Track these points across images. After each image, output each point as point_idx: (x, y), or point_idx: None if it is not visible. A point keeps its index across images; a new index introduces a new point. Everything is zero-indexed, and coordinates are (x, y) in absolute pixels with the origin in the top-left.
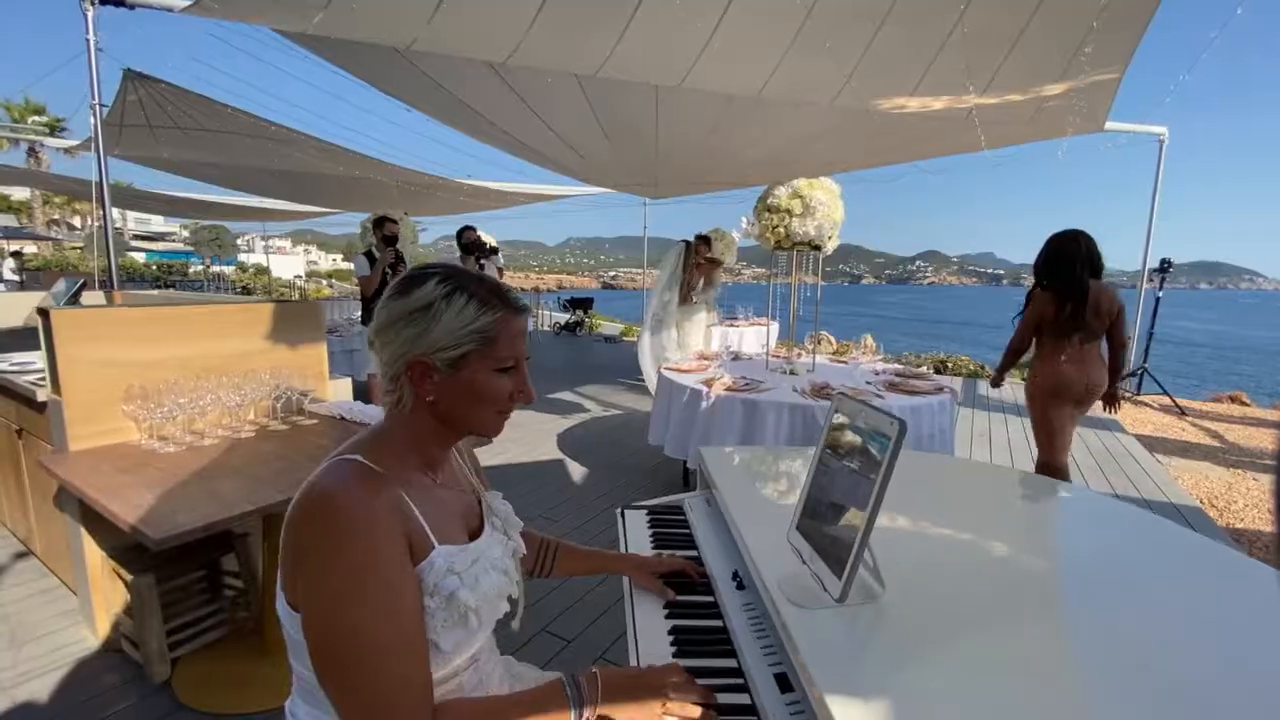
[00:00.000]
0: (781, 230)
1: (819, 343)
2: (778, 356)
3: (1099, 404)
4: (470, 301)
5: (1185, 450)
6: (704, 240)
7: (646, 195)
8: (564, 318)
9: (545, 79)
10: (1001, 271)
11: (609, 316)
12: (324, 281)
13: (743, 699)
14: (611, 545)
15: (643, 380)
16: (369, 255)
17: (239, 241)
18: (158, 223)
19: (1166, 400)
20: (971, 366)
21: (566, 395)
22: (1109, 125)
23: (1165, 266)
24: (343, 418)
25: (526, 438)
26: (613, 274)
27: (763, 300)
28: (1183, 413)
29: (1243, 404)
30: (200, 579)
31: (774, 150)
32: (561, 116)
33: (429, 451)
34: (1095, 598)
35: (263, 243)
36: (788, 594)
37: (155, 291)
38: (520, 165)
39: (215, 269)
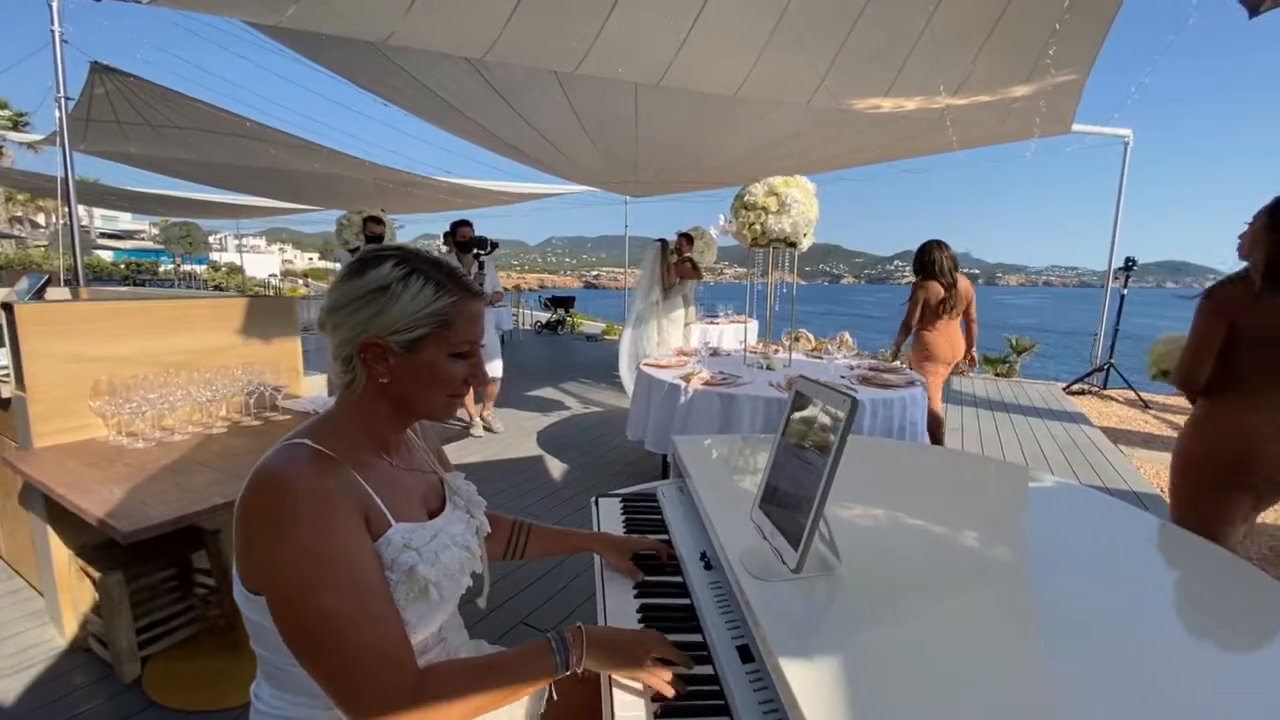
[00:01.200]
0: (758, 227)
1: (796, 339)
2: (755, 352)
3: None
4: (427, 284)
5: (1147, 442)
6: (686, 238)
7: (627, 194)
8: (545, 316)
9: (524, 76)
10: (977, 271)
11: (590, 315)
12: (300, 280)
13: (706, 670)
14: None
15: (621, 379)
16: (353, 252)
17: (211, 239)
18: (126, 220)
19: (1131, 394)
20: None
21: (547, 393)
22: (1076, 127)
23: (1129, 265)
24: (317, 413)
25: (506, 435)
26: (595, 273)
27: (742, 299)
28: (1146, 406)
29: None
30: (170, 577)
31: (752, 149)
32: (541, 113)
33: (382, 434)
34: (1045, 571)
35: (235, 241)
36: (749, 568)
37: (124, 288)
38: (500, 162)
39: (186, 268)
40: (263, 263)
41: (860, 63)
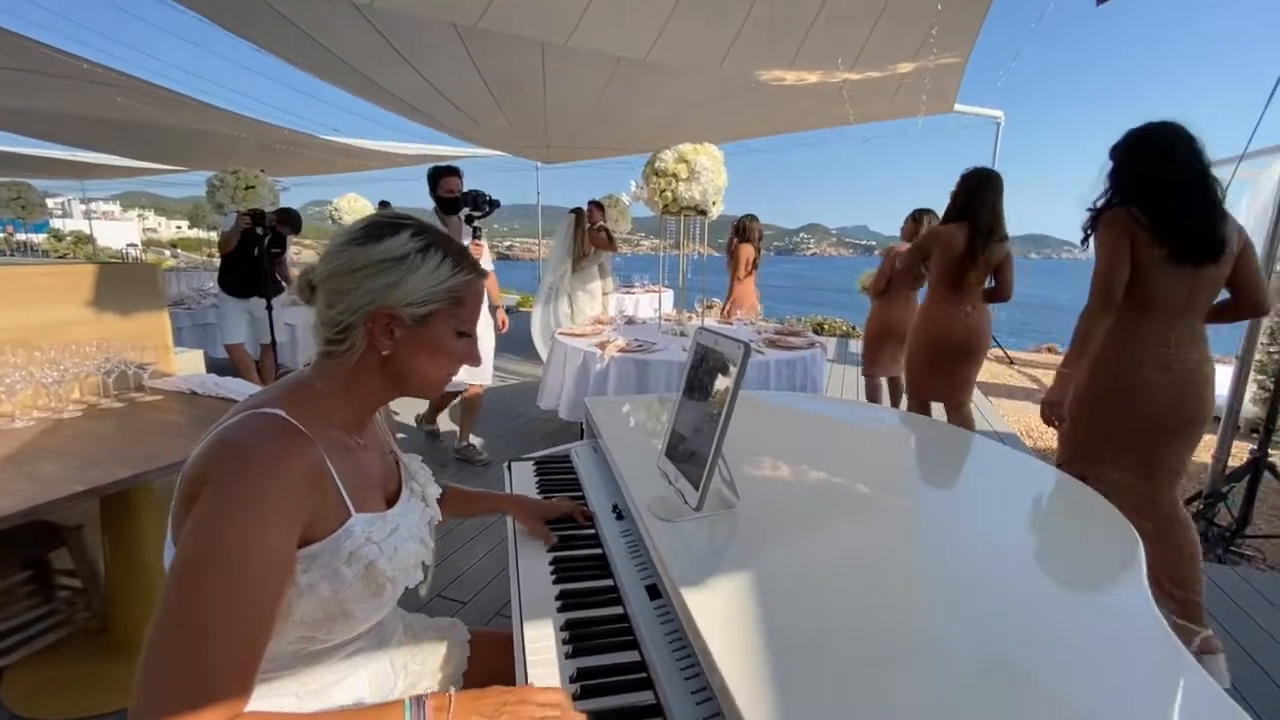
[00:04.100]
0: (669, 194)
1: (709, 308)
2: (669, 320)
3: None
4: (446, 259)
5: (1011, 393)
6: (597, 206)
7: (538, 159)
8: None
9: (420, 27)
10: (874, 243)
11: (505, 288)
12: (166, 251)
13: (617, 610)
14: None
15: (537, 350)
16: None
17: (50, 204)
18: None
19: (999, 353)
20: (845, 328)
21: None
22: (957, 107)
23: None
24: (194, 392)
25: (417, 413)
26: (508, 244)
27: (657, 269)
28: (1011, 362)
29: (1055, 353)
30: (26, 580)
31: (663, 117)
32: (443, 71)
33: (359, 409)
34: (922, 498)
35: (83, 206)
36: (656, 512)
37: None
38: (398, 122)
39: (21, 237)
40: (119, 231)
41: (765, 33)
